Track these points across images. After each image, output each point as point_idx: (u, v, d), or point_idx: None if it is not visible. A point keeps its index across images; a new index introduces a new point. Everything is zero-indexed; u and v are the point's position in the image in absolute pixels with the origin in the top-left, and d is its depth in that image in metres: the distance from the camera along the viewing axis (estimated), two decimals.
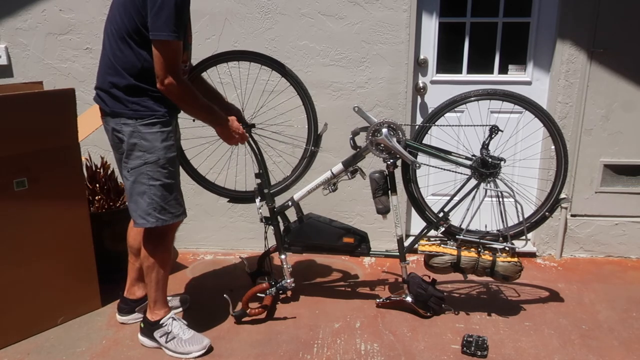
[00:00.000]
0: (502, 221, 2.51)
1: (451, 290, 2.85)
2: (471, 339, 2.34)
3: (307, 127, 2.57)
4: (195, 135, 2.52)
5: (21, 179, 2.32)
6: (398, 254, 2.58)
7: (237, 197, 2.73)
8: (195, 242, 3.38)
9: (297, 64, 3.01)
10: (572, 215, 3.21)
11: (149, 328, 2.36)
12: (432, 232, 2.62)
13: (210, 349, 2.34)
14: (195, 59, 2.42)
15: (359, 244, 2.61)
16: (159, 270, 2.30)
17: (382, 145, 2.45)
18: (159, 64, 2.03)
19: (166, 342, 2.32)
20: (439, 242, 2.57)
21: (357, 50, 3.01)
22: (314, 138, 2.58)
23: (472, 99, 2.47)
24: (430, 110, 3.07)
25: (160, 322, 2.34)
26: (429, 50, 3.09)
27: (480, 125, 2.51)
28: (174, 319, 2.37)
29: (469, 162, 2.49)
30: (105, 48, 2.16)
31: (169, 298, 2.66)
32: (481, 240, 2.52)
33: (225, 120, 2.29)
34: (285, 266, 2.59)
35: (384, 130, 2.42)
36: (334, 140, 3.02)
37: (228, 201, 2.75)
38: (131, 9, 2.03)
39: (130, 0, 2.03)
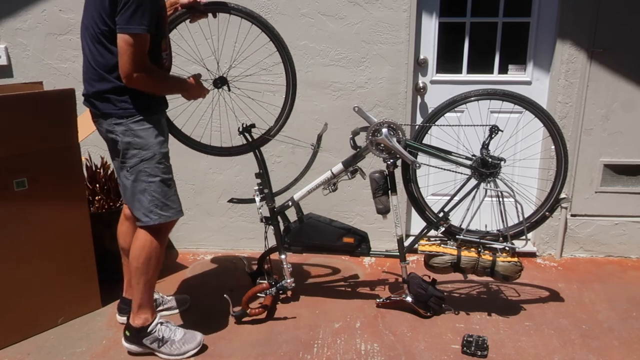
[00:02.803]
0: (502, 221, 2.51)
1: (451, 290, 2.85)
2: (471, 339, 2.34)
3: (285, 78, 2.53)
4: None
5: (21, 179, 2.32)
6: (398, 254, 2.59)
7: (220, 152, 2.68)
8: (195, 242, 3.38)
9: (297, 64, 2.99)
10: (572, 215, 3.21)
11: (136, 335, 2.27)
12: (432, 232, 2.62)
13: (204, 347, 2.33)
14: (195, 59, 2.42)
15: (359, 244, 2.61)
16: (148, 272, 2.24)
17: (382, 145, 2.45)
18: (125, 58, 1.98)
19: (159, 347, 2.27)
20: (439, 242, 2.57)
21: (357, 50, 3.01)
22: (292, 92, 2.54)
23: (472, 99, 2.47)
24: (430, 110, 3.07)
25: (149, 330, 2.26)
26: (429, 50, 3.09)
27: (480, 125, 2.51)
28: (161, 323, 2.30)
29: (469, 162, 2.49)
30: (86, 54, 2.15)
31: (168, 298, 2.66)
32: (481, 240, 2.52)
33: (188, 84, 2.28)
34: (285, 266, 2.59)
35: (384, 130, 2.42)
36: (334, 140, 3.02)
37: (228, 201, 2.75)
38: (100, 9, 2.00)
39: (99, 0, 2.00)
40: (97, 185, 2.90)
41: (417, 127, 2.58)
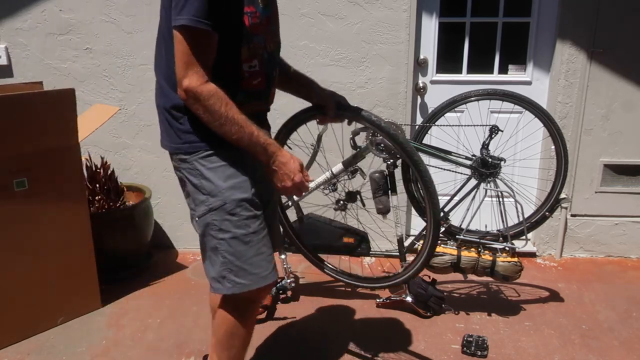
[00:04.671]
0: (502, 221, 2.51)
1: (451, 290, 2.85)
2: (471, 339, 2.34)
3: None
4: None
5: (21, 179, 2.32)
6: (398, 254, 2.59)
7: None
8: (195, 242, 3.34)
9: (297, 64, 2.98)
10: (572, 215, 3.21)
11: None
12: None
13: None
14: None
15: (359, 244, 2.61)
16: (231, 349, 1.74)
17: (382, 145, 2.45)
18: (177, 61, 1.50)
19: None
20: (439, 242, 2.57)
21: (357, 50, 3.01)
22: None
23: (472, 99, 2.47)
24: (430, 110, 3.07)
25: None
26: (429, 50, 3.09)
27: (480, 125, 2.51)
28: None
29: (469, 162, 2.49)
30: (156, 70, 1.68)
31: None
32: (481, 240, 2.52)
33: (275, 150, 1.63)
34: (285, 266, 2.59)
35: None
36: (334, 140, 3.01)
37: None
38: (165, 2, 1.55)
39: None
40: (97, 185, 2.90)
41: (417, 127, 2.58)
